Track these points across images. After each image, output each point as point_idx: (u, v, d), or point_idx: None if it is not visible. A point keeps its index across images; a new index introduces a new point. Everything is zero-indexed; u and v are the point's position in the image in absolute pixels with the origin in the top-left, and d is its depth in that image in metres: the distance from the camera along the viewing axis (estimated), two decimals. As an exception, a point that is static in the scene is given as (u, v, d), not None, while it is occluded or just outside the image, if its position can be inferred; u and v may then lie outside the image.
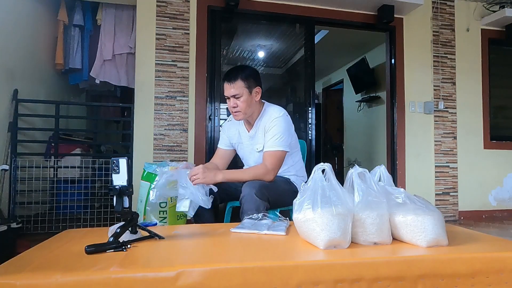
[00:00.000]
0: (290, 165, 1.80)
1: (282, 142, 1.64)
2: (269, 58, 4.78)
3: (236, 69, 1.71)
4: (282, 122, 1.66)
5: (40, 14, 3.19)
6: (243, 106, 1.66)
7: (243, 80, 1.64)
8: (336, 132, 6.26)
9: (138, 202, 1.67)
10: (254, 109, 1.72)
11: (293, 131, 1.77)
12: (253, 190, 1.49)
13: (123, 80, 3.34)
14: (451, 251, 0.94)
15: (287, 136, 1.67)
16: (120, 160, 1.01)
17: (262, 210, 1.47)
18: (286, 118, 1.70)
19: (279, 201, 1.67)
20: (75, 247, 0.97)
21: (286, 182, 1.77)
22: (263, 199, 1.50)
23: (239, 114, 1.69)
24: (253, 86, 1.68)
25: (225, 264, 0.84)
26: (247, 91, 1.65)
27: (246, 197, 1.49)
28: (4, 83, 2.58)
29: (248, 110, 1.69)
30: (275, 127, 1.65)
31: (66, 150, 3.00)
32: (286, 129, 1.67)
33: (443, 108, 3.50)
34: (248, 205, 1.48)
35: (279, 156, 1.64)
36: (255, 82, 1.69)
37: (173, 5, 2.93)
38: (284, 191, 1.70)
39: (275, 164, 1.63)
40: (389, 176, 1.13)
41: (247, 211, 1.47)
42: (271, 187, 1.61)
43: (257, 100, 1.71)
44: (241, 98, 1.65)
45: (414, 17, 3.48)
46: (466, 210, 3.53)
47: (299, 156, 1.89)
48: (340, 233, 0.93)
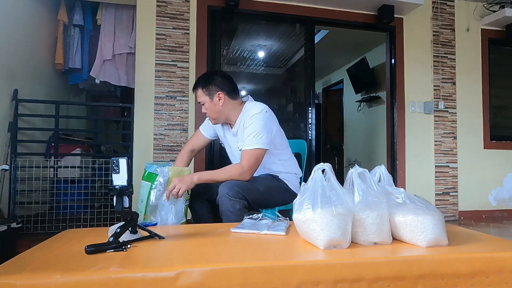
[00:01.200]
0: (279, 164, 1.79)
1: (259, 139, 1.60)
2: (269, 58, 4.78)
3: (199, 78, 1.79)
4: (260, 119, 1.63)
5: (40, 14, 3.19)
6: (208, 112, 1.73)
7: (202, 88, 1.71)
8: (336, 132, 6.26)
9: (139, 202, 1.66)
10: (227, 112, 1.73)
11: (276, 128, 1.72)
12: (226, 190, 1.51)
13: (123, 80, 3.34)
14: (451, 251, 0.94)
15: (265, 133, 1.62)
16: (120, 160, 1.01)
17: (239, 208, 1.49)
18: (265, 114, 1.66)
19: (265, 200, 1.68)
20: (75, 247, 0.97)
21: (272, 179, 1.76)
22: (238, 197, 1.50)
23: (210, 119, 1.78)
24: (213, 92, 1.70)
25: (225, 264, 0.83)
26: (208, 98, 1.70)
27: (221, 197, 1.52)
28: (4, 83, 2.57)
29: (216, 115, 1.73)
30: (252, 124, 1.63)
31: (66, 150, 2.99)
32: (264, 126, 1.63)
33: (443, 108, 3.50)
34: (223, 205, 1.51)
35: (256, 155, 1.61)
36: (217, 87, 1.70)
37: (173, 5, 2.93)
38: (269, 188, 1.69)
39: (251, 163, 1.60)
40: (389, 176, 1.13)
41: (225, 211, 1.51)
42: (251, 187, 1.60)
43: (222, 105, 1.70)
44: (205, 105, 1.72)
45: (414, 17, 3.48)
46: (466, 210, 3.53)
47: (289, 153, 1.86)
48: (340, 233, 0.93)
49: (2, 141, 2.52)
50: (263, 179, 1.73)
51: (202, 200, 1.75)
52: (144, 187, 1.67)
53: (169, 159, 2.85)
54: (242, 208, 1.50)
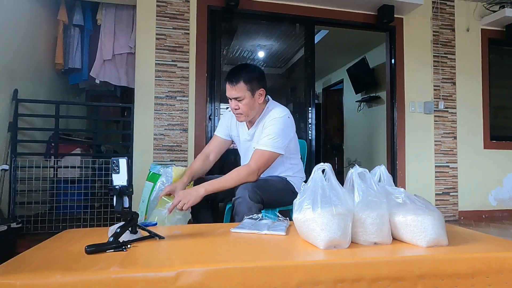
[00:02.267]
0: (288, 167, 1.78)
1: (275, 143, 1.57)
2: (269, 58, 4.78)
3: (239, 69, 1.63)
4: (280, 123, 1.60)
5: (40, 14, 3.19)
6: (245, 109, 1.61)
7: (246, 83, 1.58)
8: (336, 132, 6.26)
9: (140, 202, 1.67)
10: (258, 110, 1.68)
11: (293, 134, 1.71)
12: (247, 192, 1.47)
13: (123, 80, 3.34)
14: (451, 251, 0.94)
15: (282, 138, 1.59)
16: (120, 160, 1.01)
17: (255, 212, 1.46)
18: (287, 120, 1.63)
19: (275, 201, 1.67)
20: (75, 247, 0.97)
21: (282, 181, 1.75)
22: (256, 201, 1.49)
23: (240, 117, 1.66)
24: (256, 88, 1.61)
25: (225, 264, 0.83)
26: (249, 94, 1.59)
27: (240, 199, 1.48)
28: (4, 83, 2.57)
29: (250, 113, 1.65)
30: (271, 126, 1.60)
31: (66, 150, 2.99)
32: (283, 131, 1.60)
33: (443, 108, 3.50)
34: (241, 207, 1.47)
35: (268, 157, 1.58)
36: (259, 84, 1.62)
37: (173, 5, 2.93)
38: (280, 190, 1.69)
39: (261, 164, 1.56)
40: (389, 176, 1.13)
41: (240, 213, 1.48)
42: (266, 187, 1.58)
43: (261, 102, 1.65)
44: (243, 101, 1.59)
45: (414, 17, 3.48)
46: (466, 210, 3.53)
47: (298, 159, 1.86)
48: (340, 233, 0.93)
49: (2, 141, 2.51)
50: (275, 180, 1.72)
51: (202, 200, 1.74)
52: (147, 187, 1.67)
53: (169, 159, 2.85)
54: (257, 211, 1.48)
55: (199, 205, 1.74)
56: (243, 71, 1.61)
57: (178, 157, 2.87)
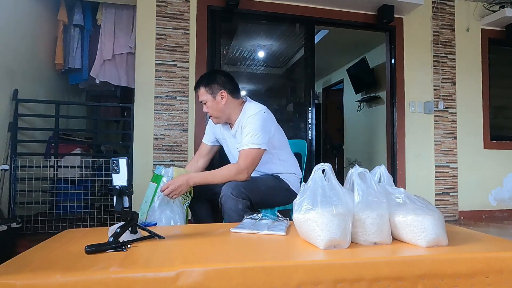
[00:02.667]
0: (278, 164, 1.79)
1: (256, 139, 1.60)
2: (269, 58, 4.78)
3: (201, 77, 1.77)
4: (257, 119, 1.64)
5: (40, 14, 3.19)
6: (210, 111, 1.73)
7: (204, 87, 1.71)
8: (336, 132, 6.26)
9: (143, 203, 1.68)
10: (229, 111, 1.73)
11: (274, 128, 1.72)
12: (230, 189, 1.51)
13: (123, 80, 3.34)
14: (451, 251, 0.94)
15: (263, 133, 1.62)
16: (120, 160, 1.01)
17: (242, 208, 1.48)
18: (263, 115, 1.66)
19: (267, 200, 1.68)
20: (75, 247, 0.97)
21: (273, 179, 1.76)
22: (240, 197, 1.50)
23: (212, 119, 1.78)
24: (216, 91, 1.70)
25: (225, 264, 0.84)
26: (210, 97, 1.70)
27: (224, 197, 1.51)
28: (4, 83, 2.57)
29: (218, 114, 1.73)
30: (249, 124, 1.64)
31: (66, 150, 2.99)
32: (262, 126, 1.63)
33: (443, 108, 3.50)
34: (227, 204, 1.50)
35: (254, 154, 1.60)
36: (219, 86, 1.70)
37: (173, 5, 2.93)
38: (271, 189, 1.70)
39: (248, 163, 1.60)
40: (389, 176, 1.13)
41: (227, 211, 1.51)
42: (253, 186, 1.60)
43: (225, 104, 1.71)
44: (207, 103, 1.72)
45: (414, 17, 3.48)
46: (466, 210, 3.53)
47: (289, 153, 1.86)
48: (340, 233, 0.93)
49: (2, 141, 2.51)
50: (265, 179, 1.73)
51: (202, 200, 1.74)
52: (151, 188, 1.68)
53: (169, 159, 2.85)
54: (244, 208, 1.50)
55: (199, 205, 1.75)
56: (204, 77, 1.76)
57: (178, 157, 2.87)
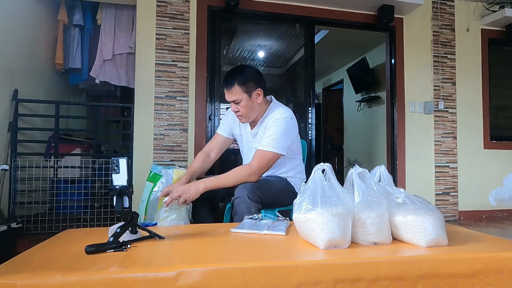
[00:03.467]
0: (289, 168, 1.79)
1: (276, 143, 1.57)
2: (269, 58, 4.78)
3: (233, 73, 1.64)
4: (282, 124, 1.61)
5: (40, 14, 3.19)
6: (244, 111, 1.63)
7: (241, 85, 1.59)
8: (336, 132, 6.26)
9: (140, 203, 1.67)
10: (258, 110, 1.68)
11: (295, 136, 1.70)
12: (245, 191, 1.48)
13: (123, 80, 3.34)
14: (451, 251, 0.94)
15: (284, 139, 1.60)
16: (120, 160, 1.01)
17: (254, 212, 1.46)
18: (289, 121, 1.63)
19: (274, 201, 1.67)
20: (75, 247, 0.97)
21: (283, 182, 1.75)
22: (255, 201, 1.49)
23: (242, 119, 1.68)
24: (252, 89, 1.62)
25: (225, 264, 0.84)
26: (246, 96, 1.61)
27: (239, 199, 1.48)
28: (4, 83, 2.57)
29: (250, 114, 1.66)
30: (273, 127, 1.61)
31: (66, 150, 2.99)
32: (285, 131, 1.60)
33: (443, 108, 3.50)
34: (240, 207, 1.48)
35: (269, 158, 1.58)
36: (255, 84, 1.63)
37: (173, 5, 2.93)
38: (280, 191, 1.69)
39: (262, 165, 1.57)
40: (389, 176, 1.13)
41: (239, 213, 1.48)
42: (265, 187, 1.59)
43: (259, 102, 1.66)
44: (241, 103, 1.61)
45: (414, 17, 3.48)
46: (466, 210, 3.53)
47: (300, 160, 1.86)
48: (340, 233, 0.93)
49: (2, 141, 2.51)
50: (275, 181, 1.72)
51: (202, 200, 1.74)
52: (147, 187, 1.67)
53: (169, 159, 2.85)
54: (256, 211, 1.48)
55: (199, 205, 1.74)
56: (237, 74, 1.62)
57: (178, 157, 2.87)
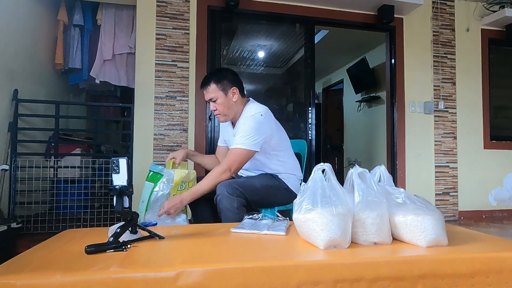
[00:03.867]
0: (277, 165, 1.79)
1: (245, 140, 1.61)
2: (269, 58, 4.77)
3: (209, 74, 1.78)
4: (251, 121, 1.64)
5: (40, 14, 3.19)
6: (221, 108, 1.71)
7: (216, 83, 1.69)
8: (336, 132, 6.26)
9: (140, 202, 1.66)
10: (236, 109, 1.74)
11: (270, 132, 1.69)
12: (224, 188, 1.52)
13: (123, 80, 3.34)
14: (451, 251, 0.94)
15: (255, 135, 1.62)
16: (120, 160, 1.01)
17: (237, 206, 1.49)
18: (259, 117, 1.65)
19: (264, 199, 1.68)
20: (75, 247, 0.97)
21: (271, 178, 1.76)
22: (236, 195, 1.51)
23: (220, 117, 1.76)
24: (227, 87, 1.70)
25: (225, 264, 0.84)
26: (222, 94, 1.69)
27: (219, 195, 1.52)
28: (4, 83, 2.57)
29: (228, 112, 1.73)
30: (243, 125, 1.66)
31: (66, 150, 2.99)
32: (255, 128, 1.63)
33: (443, 108, 3.50)
34: (222, 203, 1.51)
35: (240, 154, 1.61)
36: (230, 83, 1.71)
37: (173, 5, 2.93)
38: (268, 187, 1.69)
39: (231, 161, 1.61)
40: (389, 176, 1.13)
41: (223, 210, 1.51)
42: (248, 184, 1.62)
43: (236, 100, 1.72)
44: (218, 100, 1.70)
45: (414, 17, 3.48)
46: (466, 210, 3.53)
47: (289, 155, 1.85)
48: (340, 233, 0.93)
49: (2, 141, 2.51)
50: (261, 178, 1.74)
51: (202, 200, 1.74)
52: (147, 187, 1.67)
53: (169, 158, 2.85)
54: (240, 206, 1.50)
55: (199, 205, 1.75)
56: (213, 74, 1.75)
57: (178, 157, 2.86)
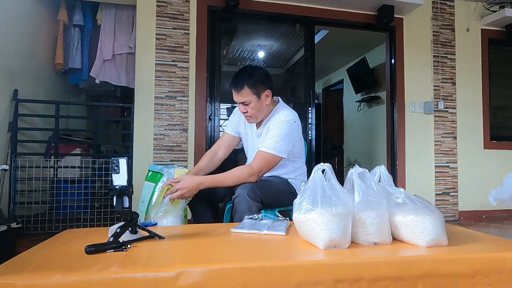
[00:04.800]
0: (291, 170, 1.79)
1: (278, 146, 1.58)
2: (269, 58, 4.78)
3: (243, 74, 1.64)
4: (285, 127, 1.61)
5: (40, 14, 3.19)
6: (253, 112, 1.64)
7: (250, 87, 1.60)
8: (336, 132, 6.26)
9: (140, 202, 1.66)
10: (266, 111, 1.69)
11: (297, 139, 1.70)
12: (246, 191, 1.49)
13: (123, 80, 3.34)
14: (451, 251, 0.94)
15: (286, 141, 1.60)
16: (120, 160, 1.01)
17: (254, 211, 1.47)
18: (292, 124, 1.64)
19: (275, 202, 1.67)
20: (75, 247, 0.97)
21: (284, 183, 1.76)
22: (256, 200, 1.50)
23: (250, 119, 1.70)
24: (261, 91, 1.63)
25: (225, 264, 0.84)
26: (255, 98, 1.62)
27: (239, 197, 1.50)
28: (4, 83, 2.57)
29: (259, 115, 1.67)
30: (276, 129, 1.61)
31: (66, 150, 2.99)
32: (287, 134, 1.61)
33: (443, 108, 3.50)
34: (240, 205, 1.49)
35: (270, 160, 1.59)
36: (264, 86, 1.63)
37: (173, 5, 2.93)
38: (281, 192, 1.69)
39: (262, 166, 1.58)
40: (389, 176, 1.13)
41: (239, 212, 1.49)
42: (266, 187, 1.59)
43: (268, 103, 1.67)
44: (250, 104, 1.62)
45: (414, 17, 3.48)
46: (466, 210, 3.53)
47: (302, 163, 1.86)
48: (340, 233, 0.93)
49: (2, 141, 2.51)
50: (276, 181, 1.72)
51: (202, 200, 1.74)
52: (147, 187, 1.66)
53: (169, 159, 2.85)
54: (257, 210, 1.49)
55: (199, 205, 1.75)
56: (247, 75, 1.62)
57: (178, 157, 2.87)
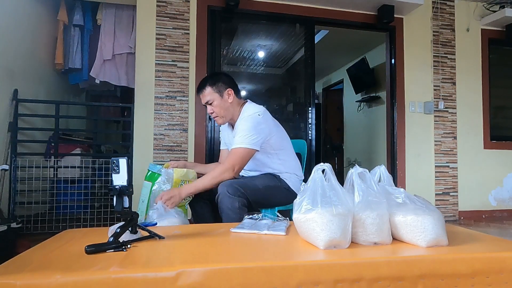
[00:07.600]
0: (277, 163, 1.79)
1: (245, 139, 1.62)
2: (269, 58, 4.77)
3: (204, 78, 1.80)
4: (249, 121, 1.66)
5: (40, 14, 3.19)
6: (217, 110, 1.73)
7: (211, 86, 1.72)
8: (336, 132, 6.26)
9: (140, 202, 1.66)
10: (233, 110, 1.75)
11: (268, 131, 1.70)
12: (225, 188, 1.52)
13: (123, 80, 3.34)
14: (451, 251, 0.94)
15: (253, 134, 1.63)
16: (120, 160, 1.01)
17: (239, 206, 1.49)
18: (256, 117, 1.67)
19: (265, 199, 1.68)
20: (75, 247, 0.97)
21: (272, 178, 1.76)
22: (236, 195, 1.51)
23: (218, 119, 1.77)
24: (223, 89, 1.72)
25: (225, 264, 0.84)
26: (217, 96, 1.72)
27: (220, 195, 1.53)
28: (4, 83, 2.57)
29: (224, 113, 1.74)
30: (241, 125, 1.67)
31: (66, 150, 2.99)
32: (253, 127, 1.64)
33: (443, 108, 3.50)
34: (223, 203, 1.51)
35: (240, 153, 1.62)
36: (225, 84, 1.73)
37: (173, 5, 2.93)
38: (270, 188, 1.70)
39: (234, 161, 1.62)
40: (389, 176, 1.13)
41: (223, 209, 1.51)
42: (250, 184, 1.62)
43: (231, 102, 1.74)
44: (214, 103, 1.72)
45: (414, 17, 3.48)
46: (466, 210, 3.53)
47: (290, 154, 1.86)
48: (340, 233, 0.93)
49: (2, 141, 2.51)
50: (263, 177, 1.74)
51: (202, 199, 1.75)
52: (146, 187, 1.67)
53: (169, 159, 2.85)
54: (241, 206, 1.50)
55: (200, 205, 1.75)
56: (207, 78, 1.79)
57: (178, 157, 2.87)
